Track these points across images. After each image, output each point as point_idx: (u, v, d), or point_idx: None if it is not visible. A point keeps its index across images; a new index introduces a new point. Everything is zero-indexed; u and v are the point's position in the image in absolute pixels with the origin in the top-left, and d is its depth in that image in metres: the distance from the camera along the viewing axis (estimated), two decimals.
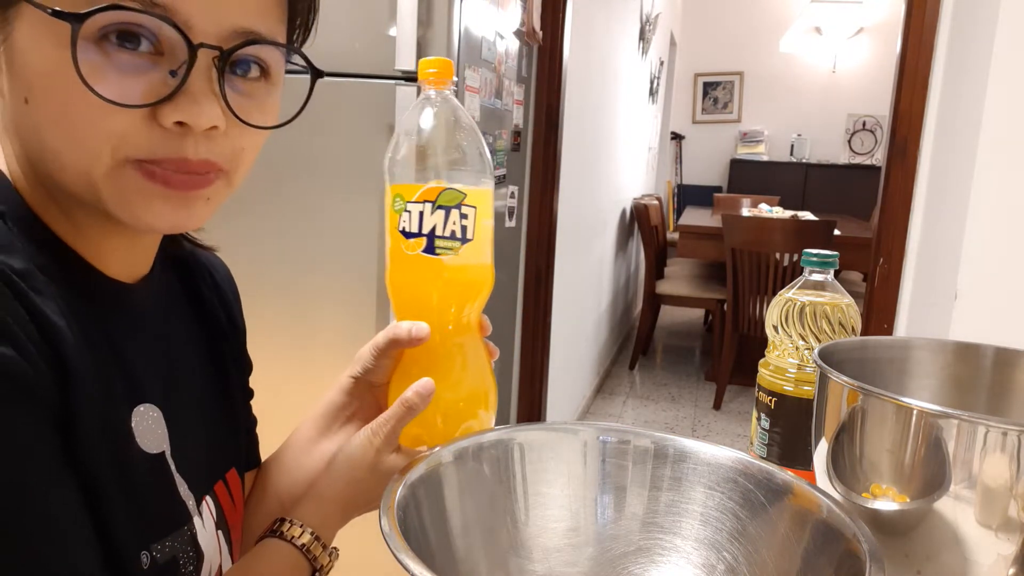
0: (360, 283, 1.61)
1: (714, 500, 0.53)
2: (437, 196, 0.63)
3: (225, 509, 0.64)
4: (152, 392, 0.55)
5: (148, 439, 0.54)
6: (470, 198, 0.64)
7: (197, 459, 0.60)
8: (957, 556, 0.50)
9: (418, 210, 0.63)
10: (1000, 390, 0.68)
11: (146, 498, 0.53)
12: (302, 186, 1.61)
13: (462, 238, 0.64)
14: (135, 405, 0.53)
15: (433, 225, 0.63)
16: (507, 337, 2.41)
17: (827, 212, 4.92)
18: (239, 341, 0.72)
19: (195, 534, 0.58)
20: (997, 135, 1.59)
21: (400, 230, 0.64)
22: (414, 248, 0.64)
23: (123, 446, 0.51)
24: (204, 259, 0.69)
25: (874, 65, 6.54)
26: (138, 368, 0.55)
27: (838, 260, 0.77)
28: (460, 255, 0.64)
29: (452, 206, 0.64)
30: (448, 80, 0.65)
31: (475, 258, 0.65)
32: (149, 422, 0.54)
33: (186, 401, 0.60)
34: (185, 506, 0.57)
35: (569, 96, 2.60)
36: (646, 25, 4.63)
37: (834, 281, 0.77)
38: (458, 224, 0.64)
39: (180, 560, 0.55)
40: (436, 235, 0.63)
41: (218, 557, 0.61)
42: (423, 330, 0.63)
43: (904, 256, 2.11)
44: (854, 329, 0.76)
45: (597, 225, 3.70)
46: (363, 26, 1.54)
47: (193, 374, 0.63)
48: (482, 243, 0.66)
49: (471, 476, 0.53)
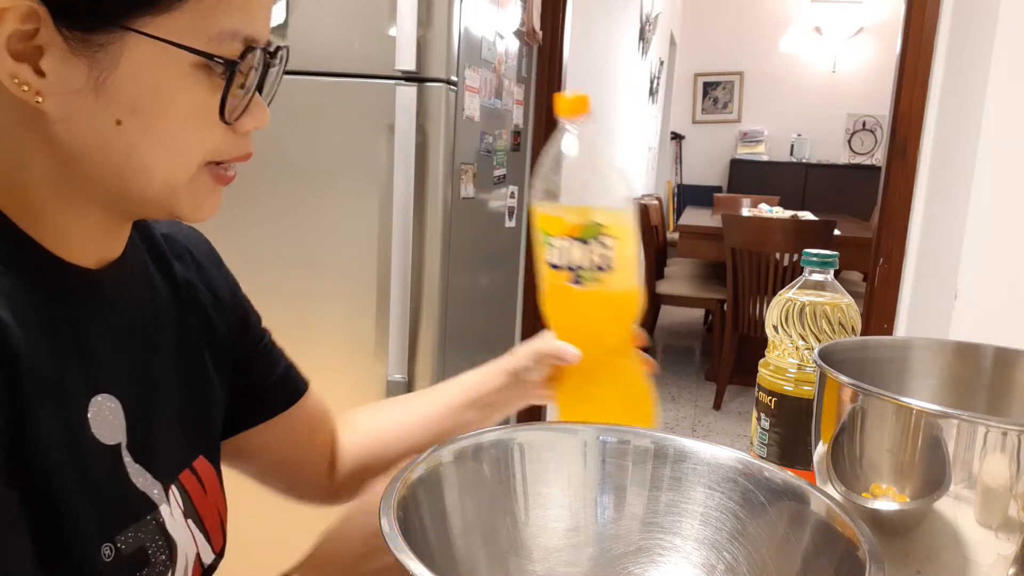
0: (360, 283, 1.61)
1: (714, 500, 0.53)
2: (578, 230, 0.67)
3: (193, 497, 0.63)
4: (114, 381, 0.55)
5: (104, 430, 0.53)
6: (610, 228, 0.67)
7: (165, 447, 0.60)
8: (957, 556, 0.50)
9: (561, 244, 0.68)
10: (1000, 390, 0.68)
11: (103, 489, 0.52)
12: (301, 186, 1.61)
13: (605, 267, 0.67)
14: (93, 395, 0.53)
15: (576, 258, 0.67)
16: (507, 337, 2.41)
17: (827, 212, 4.91)
18: (230, 312, 0.71)
19: (163, 523, 0.57)
20: (997, 135, 1.59)
21: (547, 262, 0.69)
22: (561, 280, 0.69)
23: (78, 437, 0.51)
24: (181, 237, 0.68)
25: (874, 65, 6.54)
26: (101, 357, 0.54)
27: (838, 260, 0.77)
28: (604, 284, 0.67)
29: (592, 238, 0.67)
30: (584, 113, 0.68)
31: (620, 285, 0.69)
32: (106, 412, 0.54)
33: (155, 389, 0.60)
34: (147, 496, 0.57)
35: None
36: (646, 25, 4.63)
37: (834, 281, 0.77)
38: (600, 255, 0.67)
39: (149, 550, 0.55)
40: (580, 267, 0.68)
41: (193, 546, 0.61)
42: (575, 356, 0.71)
43: (904, 256, 2.12)
44: (854, 329, 0.76)
45: None
46: (363, 26, 1.54)
47: (166, 360, 0.62)
48: (625, 270, 0.69)
49: (471, 476, 0.53)
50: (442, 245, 1.60)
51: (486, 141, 1.84)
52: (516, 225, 2.27)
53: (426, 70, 1.53)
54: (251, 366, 0.74)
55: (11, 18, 0.45)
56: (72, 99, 0.48)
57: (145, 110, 0.49)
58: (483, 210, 1.91)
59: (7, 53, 0.46)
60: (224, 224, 1.69)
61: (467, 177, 1.71)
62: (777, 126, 6.97)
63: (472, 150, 1.74)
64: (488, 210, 1.96)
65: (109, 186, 0.51)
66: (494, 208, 2.01)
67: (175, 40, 0.48)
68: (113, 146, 0.50)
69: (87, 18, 0.47)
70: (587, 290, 0.68)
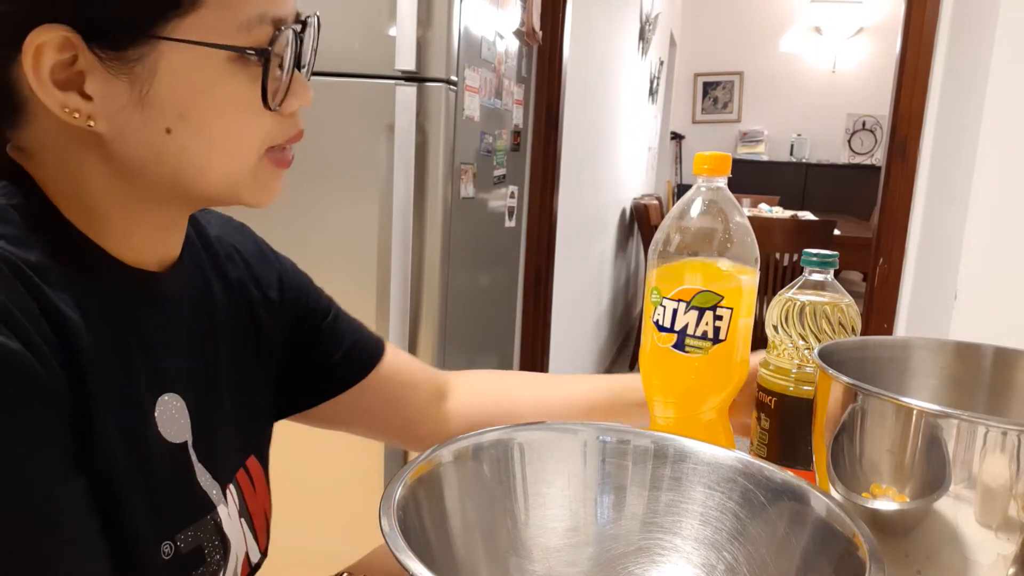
0: (360, 283, 1.61)
1: (714, 500, 0.53)
2: (692, 297, 0.65)
3: (246, 496, 0.64)
4: (178, 381, 0.56)
5: (171, 429, 0.54)
6: (727, 299, 0.65)
7: (223, 448, 0.61)
8: (957, 556, 0.50)
9: (672, 307, 0.65)
10: (1000, 390, 0.68)
11: (167, 488, 0.53)
12: (301, 185, 1.61)
13: (714, 339, 0.65)
14: (159, 395, 0.54)
15: (685, 324, 0.65)
16: (507, 337, 2.41)
17: (827, 212, 4.92)
18: (280, 304, 0.71)
19: (220, 523, 0.58)
20: (997, 135, 1.59)
21: (654, 321, 0.66)
22: (665, 342, 0.66)
23: (144, 436, 0.52)
24: (229, 237, 0.69)
25: (874, 65, 6.54)
26: (165, 357, 0.55)
27: (838, 260, 0.77)
28: (709, 355, 0.65)
29: (707, 308, 0.65)
30: (723, 174, 0.67)
31: (725, 357, 0.67)
32: (172, 412, 0.55)
33: (214, 389, 0.61)
34: (208, 496, 0.58)
35: (569, 96, 2.60)
36: (646, 25, 4.63)
37: (834, 281, 0.77)
38: (711, 326, 0.65)
39: (205, 549, 0.56)
40: (687, 334, 0.65)
41: (243, 545, 0.62)
42: None
43: (904, 256, 2.11)
44: (854, 329, 0.76)
45: (597, 225, 3.70)
46: (363, 26, 1.54)
47: (223, 361, 0.63)
48: (735, 343, 0.67)
49: (471, 476, 0.53)
50: (442, 245, 1.60)
51: (486, 141, 1.84)
52: (516, 225, 2.27)
53: (426, 70, 1.53)
54: (316, 343, 0.74)
55: (49, 50, 0.46)
56: (119, 116, 0.49)
57: (191, 114, 0.50)
58: (483, 210, 1.91)
59: (52, 85, 0.47)
60: None
61: (467, 177, 1.71)
62: (777, 126, 6.97)
63: (472, 150, 1.74)
64: (488, 210, 1.96)
65: (169, 189, 0.52)
66: (494, 208, 2.01)
67: (204, 40, 0.48)
68: (167, 153, 0.51)
69: (117, 35, 0.47)
70: (689, 357, 0.65)
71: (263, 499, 0.67)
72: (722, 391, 0.69)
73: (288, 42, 0.52)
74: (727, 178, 0.68)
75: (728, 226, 0.68)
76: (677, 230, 0.68)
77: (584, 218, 3.29)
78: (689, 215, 0.68)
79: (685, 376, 0.67)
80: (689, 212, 0.68)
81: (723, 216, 0.68)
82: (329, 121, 1.58)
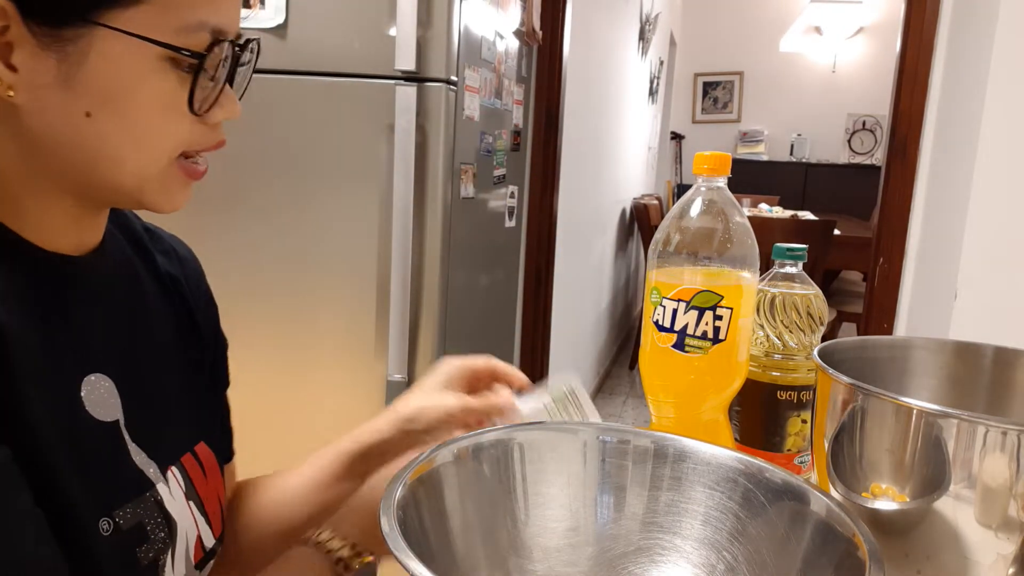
0: (360, 283, 1.61)
1: (714, 500, 0.53)
2: (692, 296, 0.64)
3: (195, 480, 0.64)
4: (107, 362, 0.57)
5: (99, 408, 0.55)
6: (727, 299, 0.65)
7: (158, 430, 0.61)
8: (957, 556, 0.50)
9: (672, 307, 0.65)
10: (1000, 390, 0.68)
11: (100, 465, 0.54)
12: (301, 186, 1.61)
13: (713, 339, 0.65)
14: (86, 374, 0.55)
15: (685, 324, 0.65)
16: (507, 337, 2.41)
17: (827, 212, 4.91)
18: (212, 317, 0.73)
19: (160, 501, 0.58)
20: (997, 135, 1.59)
21: (654, 321, 0.66)
22: (664, 342, 0.66)
23: (71, 412, 0.52)
24: (167, 237, 0.71)
25: (874, 65, 6.54)
26: (91, 338, 0.56)
27: (807, 253, 0.80)
28: (709, 354, 0.65)
29: (707, 308, 0.64)
30: (723, 174, 0.67)
31: (725, 357, 0.67)
32: (101, 391, 0.55)
33: (147, 372, 0.61)
34: (144, 473, 0.58)
35: (569, 96, 2.60)
36: (646, 25, 4.63)
37: (803, 273, 0.80)
38: (711, 325, 0.65)
39: (148, 526, 0.56)
40: (687, 334, 0.65)
41: (194, 528, 0.62)
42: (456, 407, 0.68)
43: (904, 256, 2.11)
44: (821, 319, 0.79)
45: (597, 225, 3.70)
46: (362, 26, 1.54)
47: (157, 347, 0.64)
48: (735, 342, 0.67)
49: (471, 476, 0.53)
50: (442, 245, 1.60)
51: (486, 141, 1.84)
52: (516, 225, 2.27)
53: (426, 70, 1.53)
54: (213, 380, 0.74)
55: None
56: (42, 92, 0.49)
57: (114, 102, 0.50)
58: (483, 210, 1.91)
59: None
60: (224, 223, 1.69)
61: (467, 177, 1.71)
62: (777, 126, 6.96)
63: (472, 150, 1.74)
64: (488, 210, 1.96)
65: (80, 176, 0.52)
66: (494, 208, 2.01)
67: (142, 33, 0.49)
68: (83, 137, 0.51)
69: (55, 14, 0.48)
70: (688, 357, 0.66)
71: (216, 485, 0.67)
72: (722, 391, 0.70)
73: (226, 55, 0.53)
74: (727, 178, 0.69)
75: (728, 226, 0.68)
76: (677, 230, 0.68)
77: (584, 218, 3.29)
78: (689, 215, 0.68)
79: (685, 376, 0.67)
80: (689, 212, 0.68)
81: (723, 216, 0.68)
82: (329, 121, 1.58)
